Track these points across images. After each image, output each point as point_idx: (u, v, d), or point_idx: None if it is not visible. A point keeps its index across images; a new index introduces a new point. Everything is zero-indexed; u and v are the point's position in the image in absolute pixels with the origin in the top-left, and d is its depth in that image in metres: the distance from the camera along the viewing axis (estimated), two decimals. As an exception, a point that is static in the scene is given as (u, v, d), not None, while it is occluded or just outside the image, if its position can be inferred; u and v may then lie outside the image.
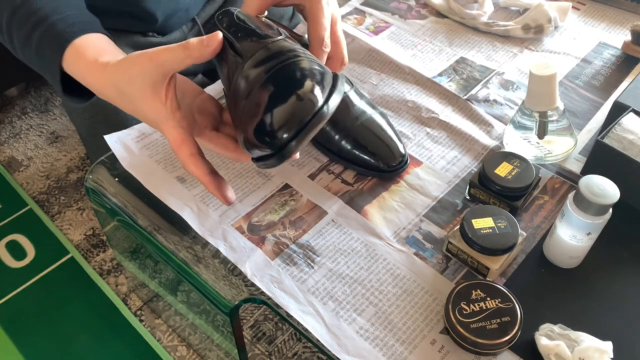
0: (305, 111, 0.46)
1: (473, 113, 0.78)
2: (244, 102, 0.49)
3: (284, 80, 0.47)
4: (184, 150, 0.50)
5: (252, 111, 0.47)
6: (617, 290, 0.59)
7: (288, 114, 0.45)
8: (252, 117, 0.47)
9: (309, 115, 0.46)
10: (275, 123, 0.46)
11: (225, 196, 0.52)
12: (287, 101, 0.46)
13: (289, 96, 0.46)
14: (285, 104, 0.46)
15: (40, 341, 1.02)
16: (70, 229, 1.21)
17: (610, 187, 0.55)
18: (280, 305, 0.58)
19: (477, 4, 0.94)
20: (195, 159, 0.51)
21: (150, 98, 0.49)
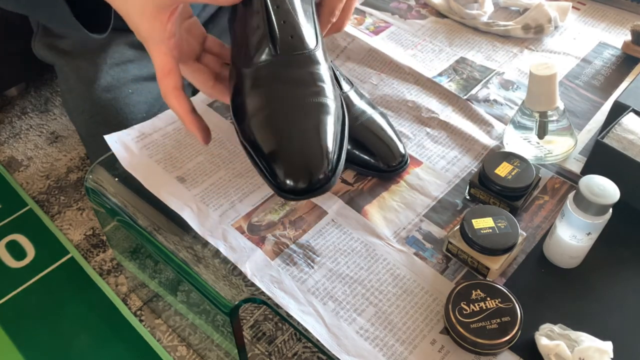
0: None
1: (473, 113, 0.78)
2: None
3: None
4: (169, 81, 0.48)
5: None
6: (617, 290, 0.59)
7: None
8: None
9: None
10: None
11: (204, 137, 0.51)
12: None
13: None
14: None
15: (40, 341, 1.02)
16: (70, 229, 1.20)
17: (610, 187, 0.55)
18: (280, 305, 0.58)
19: (477, 4, 0.94)
20: (179, 93, 0.49)
21: (150, 16, 0.47)
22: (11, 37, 1.32)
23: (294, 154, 0.48)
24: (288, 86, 0.50)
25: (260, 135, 0.49)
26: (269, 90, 0.50)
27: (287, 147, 0.48)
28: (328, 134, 0.49)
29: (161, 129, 0.76)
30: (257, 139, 0.49)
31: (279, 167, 0.48)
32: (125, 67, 0.91)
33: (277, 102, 0.50)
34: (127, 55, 0.93)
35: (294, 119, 0.49)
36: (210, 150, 0.73)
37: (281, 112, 0.49)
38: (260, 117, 0.49)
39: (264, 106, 0.50)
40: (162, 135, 0.75)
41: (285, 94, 0.50)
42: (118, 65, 0.91)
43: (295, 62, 0.51)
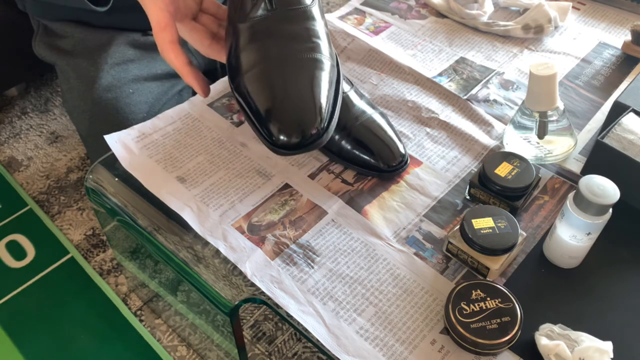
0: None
1: (473, 113, 0.78)
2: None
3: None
4: (165, 36, 0.49)
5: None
6: (617, 290, 0.59)
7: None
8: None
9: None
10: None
11: (202, 88, 0.51)
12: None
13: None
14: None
15: (40, 341, 1.02)
16: (70, 229, 1.20)
17: (610, 187, 0.55)
18: (280, 305, 0.58)
19: (477, 4, 0.94)
20: (176, 47, 0.49)
21: None
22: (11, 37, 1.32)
23: (287, 109, 0.48)
24: (283, 41, 0.50)
25: (254, 90, 0.49)
26: (264, 44, 0.50)
27: (281, 102, 0.48)
28: (322, 89, 0.49)
29: (161, 129, 0.76)
30: (251, 94, 0.49)
31: (272, 123, 0.48)
32: (126, 67, 0.91)
33: (271, 56, 0.49)
34: (128, 55, 0.93)
35: (288, 74, 0.49)
36: (210, 150, 0.73)
37: (275, 67, 0.49)
38: (254, 72, 0.49)
39: (259, 61, 0.49)
40: (162, 135, 0.75)
41: (280, 49, 0.49)
42: (119, 65, 0.91)
43: (291, 17, 0.51)
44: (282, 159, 0.72)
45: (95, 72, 0.91)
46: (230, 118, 0.77)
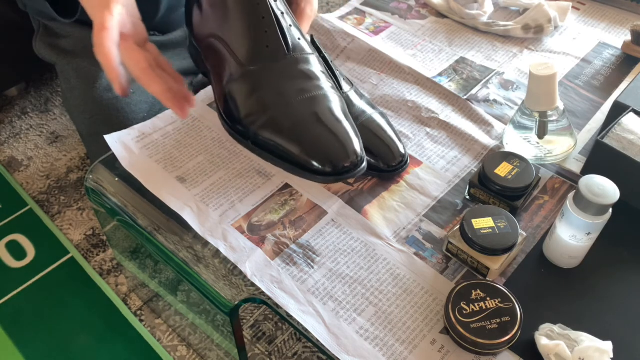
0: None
1: (473, 113, 0.78)
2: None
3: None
4: (105, 34, 0.49)
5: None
6: (617, 290, 0.59)
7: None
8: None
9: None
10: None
11: (122, 88, 0.52)
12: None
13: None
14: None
15: (40, 341, 1.02)
16: (70, 229, 1.20)
17: (610, 187, 0.55)
18: (280, 305, 0.58)
19: (477, 4, 0.94)
20: (110, 44, 0.50)
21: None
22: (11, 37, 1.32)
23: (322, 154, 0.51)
24: (289, 85, 0.52)
25: (289, 138, 0.52)
26: (280, 89, 0.52)
27: (314, 149, 0.51)
28: (347, 127, 0.53)
29: (161, 129, 0.76)
30: (285, 142, 0.52)
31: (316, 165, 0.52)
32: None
33: (281, 104, 0.52)
34: (128, 55, 0.92)
35: (308, 120, 0.52)
36: (210, 150, 0.73)
37: (291, 114, 0.52)
38: (275, 119, 0.52)
39: (269, 109, 0.52)
40: (162, 135, 0.75)
41: (288, 93, 0.52)
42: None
43: (290, 63, 0.54)
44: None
45: (95, 72, 0.91)
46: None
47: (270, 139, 0.54)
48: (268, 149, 0.55)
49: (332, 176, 0.52)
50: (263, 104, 0.52)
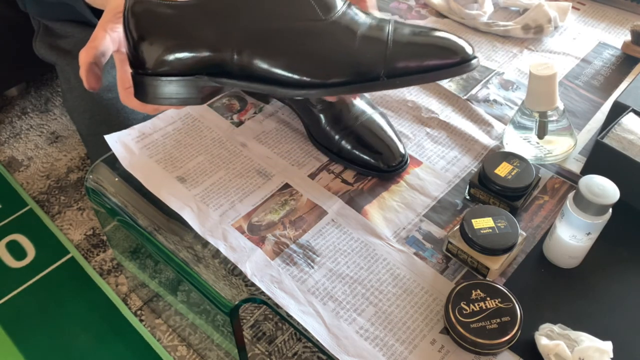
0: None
1: (473, 113, 0.78)
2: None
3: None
4: (92, 44, 0.54)
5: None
6: (617, 290, 0.59)
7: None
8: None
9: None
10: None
11: (89, 81, 0.54)
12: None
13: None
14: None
15: (40, 341, 1.02)
16: (71, 229, 1.21)
17: (610, 187, 0.55)
18: (280, 305, 0.58)
19: (477, 4, 0.94)
20: (95, 51, 0.54)
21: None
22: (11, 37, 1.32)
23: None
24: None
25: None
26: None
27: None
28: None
29: (161, 129, 0.76)
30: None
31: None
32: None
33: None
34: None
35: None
36: (210, 150, 0.73)
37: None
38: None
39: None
40: (162, 135, 0.75)
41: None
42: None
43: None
44: (282, 158, 0.72)
45: (95, 72, 0.91)
46: (230, 118, 0.77)
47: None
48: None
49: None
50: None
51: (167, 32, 0.48)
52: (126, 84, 0.55)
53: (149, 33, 0.48)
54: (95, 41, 0.54)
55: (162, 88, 0.50)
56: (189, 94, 0.51)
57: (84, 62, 0.55)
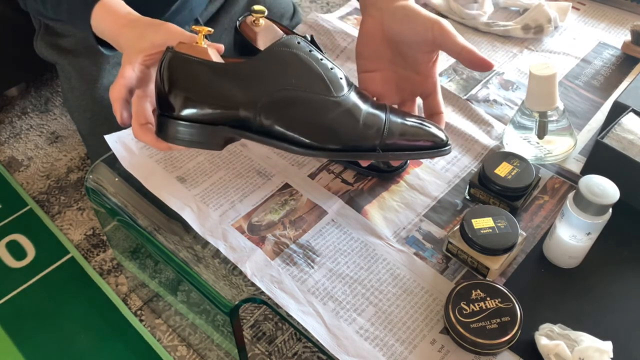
0: None
1: (473, 113, 0.78)
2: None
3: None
4: (120, 80, 0.57)
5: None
6: (617, 290, 0.59)
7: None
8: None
9: None
10: None
11: (122, 121, 0.58)
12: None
13: None
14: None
15: (40, 341, 1.02)
16: (71, 229, 1.21)
17: (610, 187, 0.55)
18: (280, 305, 0.58)
19: (477, 4, 0.94)
20: (126, 89, 0.57)
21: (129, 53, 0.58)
22: (11, 37, 1.32)
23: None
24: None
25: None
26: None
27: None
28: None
29: (161, 129, 0.76)
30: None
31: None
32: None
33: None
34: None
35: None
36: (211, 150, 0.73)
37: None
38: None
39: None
40: (162, 135, 0.75)
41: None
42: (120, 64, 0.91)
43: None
44: (282, 158, 0.72)
45: (96, 72, 0.91)
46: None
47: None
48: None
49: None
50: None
51: (199, 87, 0.54)
52: (141, 120, 0.57)
53: (182, 85, 0.54)
54: (124, 78, 0.57)
55: (185, 131, 0.55)
56: (210, 140, 0.56)
57: (116, 99, 0.57)
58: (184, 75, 0.54)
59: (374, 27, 0.62)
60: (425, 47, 0.60)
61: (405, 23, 0.60)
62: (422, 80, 0.63)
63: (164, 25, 0.59)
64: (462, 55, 0.58)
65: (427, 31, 0.58)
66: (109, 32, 0.64)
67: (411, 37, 0.60)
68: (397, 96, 0.65)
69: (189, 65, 0.54)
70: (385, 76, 0.64)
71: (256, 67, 0.55)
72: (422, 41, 0.59)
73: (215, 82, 0.54)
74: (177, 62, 0.54)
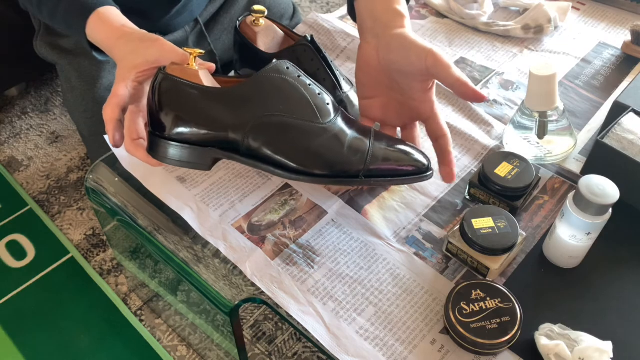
0: None
1: (473, 113, 0.78)
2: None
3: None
4: (112, 99, 0.58)
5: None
6: (617, 290, 0.59)
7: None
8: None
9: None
10: None
11: (114, 139, 0.59)
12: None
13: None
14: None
15: (40, 341, 1.02)
16: (71, 229, 1.21)
17: (610, 187, 0.55)
18: (280, 305, 0.58)
19: (477, 4, 0.94)
20: (115, 107, 0.58)
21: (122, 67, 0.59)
22: (11, 37, 1.32)
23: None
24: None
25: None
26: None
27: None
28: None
29: (161, 129, 0.76)
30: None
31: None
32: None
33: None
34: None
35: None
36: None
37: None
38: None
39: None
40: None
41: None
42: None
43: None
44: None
45: (96, 72, 0.91)
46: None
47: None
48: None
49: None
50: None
51: (189, 110, 0.55)
52: (134, 135, 0.58)
53: (173, 108, 0.55)
54: (117, 97, 0.58)
55: (175, 151, 0.57)
56: (199, 161, 0.58)
57: (110, 120, 0.58)
58: (175, 98, 0.55)
59: (370, 54, 0.63)
60: (420, 77, 0.61)
61: (400, 53, 0.60)
62: (418, 106, 0.63)
63: (158, 41, 0.59)
64: (456, 87, 0.58)
65: (421, 62, 0.59)
66: (104, 43, 0.65)
67: (405, 68, 0.61)
68: (398, 121, 0.66)
69: (180, 88, 0.55)
70: (384, 102, 0.65)
71: (245, 91, 0.56)
72: (416, 71, 0.60)
73: (206, 106, 0.55)
74: (169, 84, 0.55)
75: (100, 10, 0.65)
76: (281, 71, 0.57)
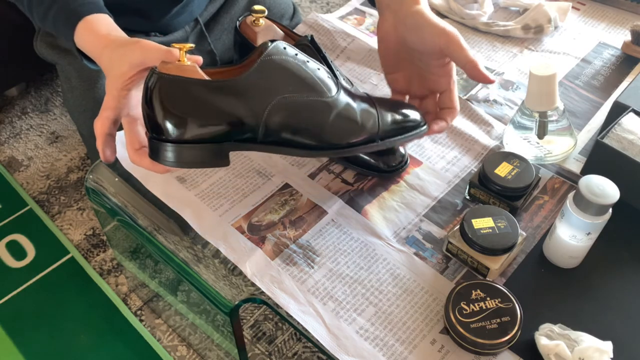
0: None
1: (473, 113, 0.78)
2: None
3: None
4: (103, 113, 0.56)
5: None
6: (617, 290, 0.59)
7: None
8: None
9: None
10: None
11: (105, 155, 0.58)
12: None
13: None
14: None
15: (40, 341, 1.02)
16: (71, 229, 1.21)
17: (610, 187, 0.55)
18: (280, 305, 0.58)
19: (477, 4, 0.94)
20: (106, 122, 0.56)
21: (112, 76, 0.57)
22: (11, 37, 1.32)
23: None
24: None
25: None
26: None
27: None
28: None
29: (161, 129, 0.75)
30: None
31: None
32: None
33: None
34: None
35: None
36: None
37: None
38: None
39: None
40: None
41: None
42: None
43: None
44: (282, 158, 0.72)
45: (96, 72, 0.91)
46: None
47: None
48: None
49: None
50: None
51: (199, 107, 0.52)
52: (135, 145, 0.57)
53: (179, 107, 0.51)
54: (107, 111, 0.56)
55: (184, 153, 0.53)
56: (215, 159, 0.55)
57: (100, 134, 0.57)
58: (180, 96, 0.51)
59: (388, 30, 0.64)
60: (435, 55, 0.62)
61: (414, 31, 0.61)
62: (437, 79, 0.65)
63: (138, 42, 0.57)
64: (467, 68, 0.60)
65: (435, 42, 0.60)
66: (91, 52, 0.63)
67: (420, 47, 0.62)
68: (422, 92, 0.67)
69: (183, 86, 0.51)
70: (406, 75, 0.67)
71: (254, 78, 0.54)
72: (430, 50, 0.61)
73: (216, 100, 0.52)
74: (168, 84, 0.51)
75: (89, 18, 0.62)
76: (281, 52, 0.56)
